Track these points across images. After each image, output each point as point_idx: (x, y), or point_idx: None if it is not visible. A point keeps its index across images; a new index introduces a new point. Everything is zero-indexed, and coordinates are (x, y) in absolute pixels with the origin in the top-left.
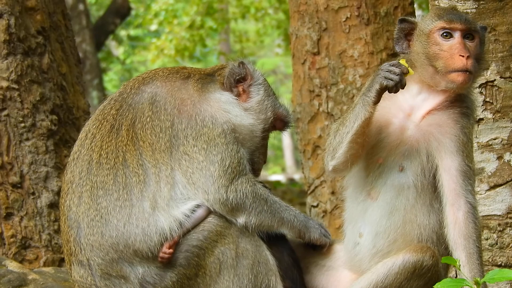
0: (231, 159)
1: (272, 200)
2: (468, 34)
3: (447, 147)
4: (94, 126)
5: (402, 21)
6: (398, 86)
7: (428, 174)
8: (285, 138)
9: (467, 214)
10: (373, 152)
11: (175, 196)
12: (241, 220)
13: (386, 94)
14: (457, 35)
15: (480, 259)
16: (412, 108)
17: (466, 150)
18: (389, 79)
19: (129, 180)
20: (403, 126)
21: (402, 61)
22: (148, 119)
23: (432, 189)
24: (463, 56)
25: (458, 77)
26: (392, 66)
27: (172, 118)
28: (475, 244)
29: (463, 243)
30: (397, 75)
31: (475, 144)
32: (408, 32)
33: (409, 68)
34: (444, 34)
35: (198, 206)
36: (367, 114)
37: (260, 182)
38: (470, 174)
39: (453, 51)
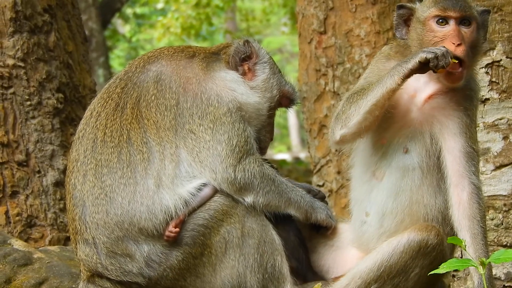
0: (238, 138)
1: (279, 180)
2: (464, 20)
3: (450, 129)
4: (99, 105)
5: (400, 7)
6: (441, 61)
7: (433, 156)
8: (291, 117)
9: (471, 195)
10: (378, 132)
11: (180, 174)
12: (248, 199)
13: None
14: (452, 22)
15: (485, 240)
16: (416, 90)
17: (469, 132)
18: (433, 52)
19: (133, 158)
20: (407, 108)
21: None
22: (153, 97)
23: (437, 170)
24: (454, 43)
25: (449, 66)
26: (438, 47)
27: (177, 96)
28: (479, 225)
29: (467, 224)
30: (442, 51)
31: (480, 124)
32: (407, 18)
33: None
34: (439, 20)
35: (204, 184)
36: (394, 85)
37: (268, 162)
38: (473, 155)
39: (446, 38)
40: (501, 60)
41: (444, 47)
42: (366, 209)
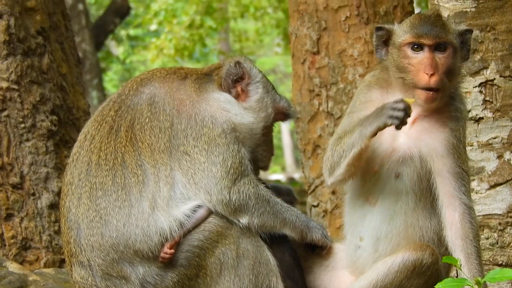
0: (233, 159)
1: (274, 201)
2: (439, 45)
3: (437, 151)
4: (93, 128)
5: (378, 29)
6: (402, 123)
7: (424, 178)
8: (285, 137)
9: (462, 215)
10: (368, 161)
11: (175, 196)
12: (243, 220)
13: (375, 99)
14: (426, 49)
15: (479, 259)
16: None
17: (457, 152)
18: (394, 118)
19: (127, 180)
20: (393, 134)
21: (406, 100)
22: (147, 120)
23: (430, 192)
24: (427, 73)
25: (422, 94)
26: (397, 103)
27: (172, 118)
28: (472, 244)
29: (460, 244)
30: (401, 112)
31: (475, 143)
32: (386, 39)
33: (410, 104)
34: (414, 46)
35: (199, 206)
36: (363, 146)
37: (263, 182)
38: (463, 175)
39: (419, 67)
40: (494, 79)
41: (403, 106)
42: (360, 233)
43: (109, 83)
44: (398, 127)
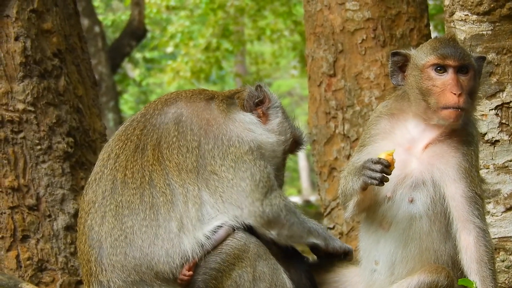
0: (261, 174)
1: (299, 212)
2: (462, 68)
3: (450, 176)
4: (117, 147)
5: (394, 54)
6: (381, 182)
7: (438, 202)
8: (301, 160)
9: (477, 238)
10: (380, 189)
11: (202, 217)
12: (274, 232)
13: (384, 131)
14: (450, 71)
15: (494, 282)
16: (411, 142)
17: (470, 176)
18: (373, 179)
19: (156, 200)
20: (405, 160)
21: (382, 155)
22: (174, 139)
23: (444, 215)
24: (455, 93)
25: (450, 114)
26: (374, 164)
27: (199, 138)
28: (487, 267)
29: (476, 267)
30: (378, 173)
31: (491, 166)
32: (402, 64)
33: (393, 159)
34: (438, 68)
35: (219, 227)
36: (358, 198)
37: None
38: (476, 199)
39: (445, 88)
40: (510, 102)
41: (379, 163)
42: (375, 258)
43: (125, 105)
44: (379, 185)
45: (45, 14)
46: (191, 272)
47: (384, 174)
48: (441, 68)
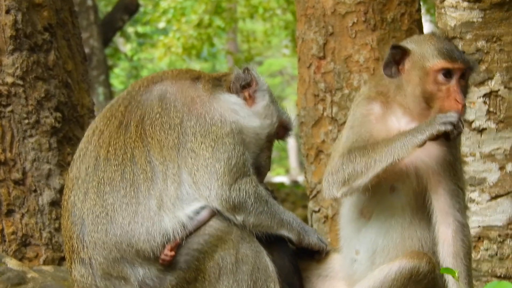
0: (237, 159)
1: (272, 202)
2: (464, 72)
3: (433, 169)
4: (101, 123)
5: (395, 47)
6: (458, 127)
7: (420, 194)
8: (290, 140)
9: (455, 232)
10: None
11: (181, 196)
12: (240, 218)
13: (377, 115)
14: (456, 77)
15: (468, 278)
16: (397, 132)
17: (453, 169)
18: (449, 123)
19: (136, 177)
20: None
21: None
22: (157, 116)
23: (426, 206)
24: (459, 101)
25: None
26: (447, 113)
27: (182, 115)
28: (462, 263)
29: (451, 262)
30: (456, 121)
31: (477, 154)
32: (400, 58)
33: None
34: (445, 72)
35: (202, 208)
36: (406, 155)
37: (263, 184)
38: (458, 192)
39: (450, 94)
40: (499, 90)
41: (456, 114)
42: (355, 247)
43: (115, 80)
44: (452, 134)
45: None
46: (173, 253)
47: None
48: (448, 72)
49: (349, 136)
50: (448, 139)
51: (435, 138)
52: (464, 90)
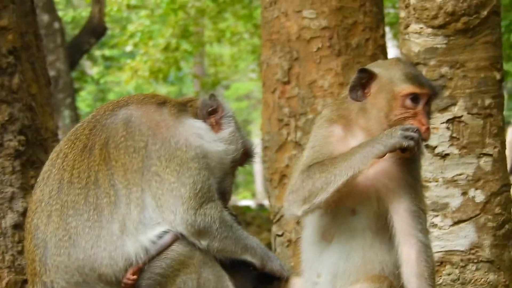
0: (202, 184)
1: (236, 227)
2: (430, 98)
3: (395, 191)
4: (66, 146)
5: (362, 71)
6: (418, 144)
7: (382, 216)
8: (256, 164)
9: (418, 253)
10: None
11: (144, 220)
12: (204, 243)
13: (338, 137)
14: (422, 102)
15: None
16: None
17: (414, 191)
18: (410, 138)
19: (100, 200)
20: None
21: None
22: (122, 139)
23: (388, 228)
24: (424, 125)
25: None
26: (409, 126)
27: (147, 138)
28: (427, 283)
29: (416, 282)
30: (416, 133)
31: (440, 179)
32: (366, 81)
33: None
34: (413, 97)
35: (165, 232)
36: (366, 166)
37: (228, 209)
38: (420, 213)
39: (415, 119)
40: (462, 116)
41: (417, 131)
42: (317, 270)
43: (82, 103)
44: (412, 151)
45: (1, 11)
46: (135, 277)
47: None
48: (416, 97)
49: (310, 155)
50: (406, 154)
51: (394, 150)
52: (428, 115)
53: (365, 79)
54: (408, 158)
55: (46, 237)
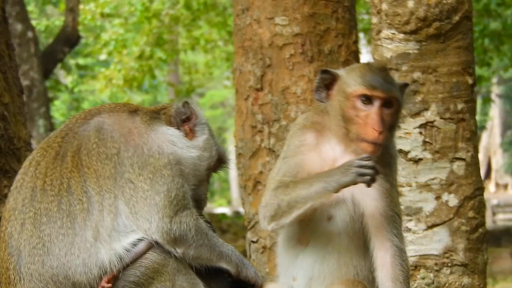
0: (177, 191)
1: (212, 235)
2: (388, 101)
3: (370, 195)
4: (38, 154)
5: (324, 72)
6: (373, 179)
7: (357, 220)
8: (232, 171)
9: (393, 257)
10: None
11: (118, 228)
12: (180, 251)
13: (311, 146)
14: (376, 104)
15: None
16: (334, 161)
17: (389, 196)
18: (365, 175)
19: (73, 208)
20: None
21: None
22: (94, 146)
23: (363, 233)
24: (376, 130)
25: (367, 148)
26: (364, 160)
27: (119, 145)
28: (402, 286)
29: (390, 286)
30: (371, 170)
31: (413, 184)
32: (330, 82)
33: None
34: (364, 99)
35: (139, 240)
36: (323, 200)
37: (203, 217)
38: (395, 218)
39: (368, 121)
40: (435, 120)
41: (372, 163)
42: (292, 274)
43: (56, 112)
44: (368, 185)
45: None
46: (110, 285)
47: (376, 171)
48: (367, 99)
49: (281, 168)
50: (368, 186)
51: (348, 186)
52: (390, 120)
53: (329, 81)
54: (383, 163)
55: (20, 245)
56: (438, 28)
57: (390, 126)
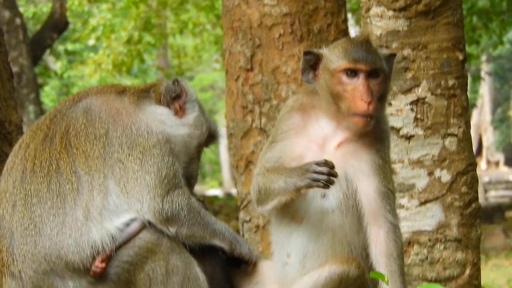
0: (167, 171)
1: (204, 213)
2: (373, 72)
3: (363, 172)
4: (28, 137)
5: (307, 53)
6: (327, 185)
7: (351, 197)
8: (223, 153)
9: (387, 233)
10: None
11: (108, 206)
12: (172, 230)
13: (296, 126)
14: (361, 76)
15: (402, 277)
16: (324, 139)
17: (382, 172)
18: (318, 181)
19: (62, 188)
20: (318, 157)
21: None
22: (82, 127)
23: (357, 209)
24: (364, 101)
25: (359, 121)
26: (319, 166)
27: (107, 126)
28: (396, 262)
29: (384, 261)
30: (325, 176)
31: (405, 160)
32: (314, 63)
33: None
34: (348, 73)
35: (132, 220)
36: (288, 199)
37: (195, 195)
38: (388, 194)
39: (356, 94)
40: (426, 97)
41: (325, 165)
42: (287, 251)
43: (46, 98)
44: (325, 188)
45: None
46: (103, 264)
47: (331, 177)
48: (352, 73)
49: (265, 153)
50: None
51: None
52: (378, 90)
53: (313, 61)
54: (375, 138)
55: (12, 227)
56: (427, 5)
57: (379, 97)
